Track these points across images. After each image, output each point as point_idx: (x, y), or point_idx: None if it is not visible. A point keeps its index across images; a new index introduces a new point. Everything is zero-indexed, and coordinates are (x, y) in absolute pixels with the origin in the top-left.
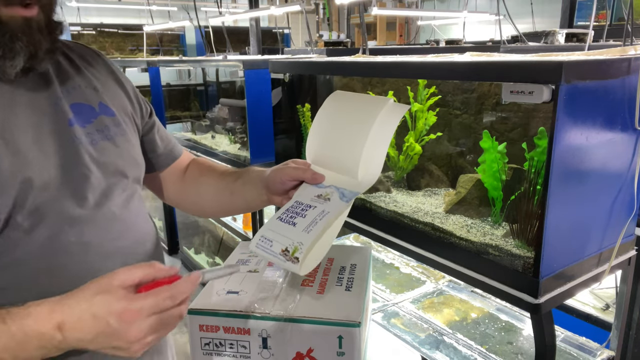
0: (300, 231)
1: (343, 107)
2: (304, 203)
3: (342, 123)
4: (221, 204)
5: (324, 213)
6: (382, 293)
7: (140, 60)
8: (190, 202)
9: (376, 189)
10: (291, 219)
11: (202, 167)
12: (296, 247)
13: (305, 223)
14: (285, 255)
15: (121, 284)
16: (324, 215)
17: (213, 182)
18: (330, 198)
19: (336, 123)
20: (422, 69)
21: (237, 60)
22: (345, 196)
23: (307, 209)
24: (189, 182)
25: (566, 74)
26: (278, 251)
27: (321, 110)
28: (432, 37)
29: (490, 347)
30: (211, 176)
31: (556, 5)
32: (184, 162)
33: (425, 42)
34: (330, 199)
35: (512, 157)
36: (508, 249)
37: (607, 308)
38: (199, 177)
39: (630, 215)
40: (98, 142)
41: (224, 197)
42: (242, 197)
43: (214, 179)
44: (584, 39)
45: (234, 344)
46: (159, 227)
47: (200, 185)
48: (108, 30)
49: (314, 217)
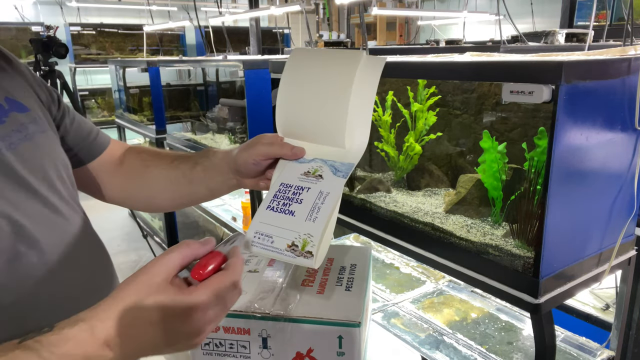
0: (303, 221)
1: (311, 66)
2: (293, 185)
3: (314, 85)
4: (178, 195)
5: (323, 195)
6: (382, 293)
7: (140, 60)
8: (139, 197)
9: (376, 189)
10: (285, 207)
11: (145, 155)
12: (305, 240)
13: (306, 210)
14: (294, 251)
15: (166, 279)
16: (324, 197)
17: (164, 172)
18: (322, 175)
19: (307, 86)
20: (422, 69)
21: (237, 60)
22: (339, 170)
23: (300, 192)
24: (132, 174)
25: (566, 74)
26: (283, 247)
27: (285, 72)
28: (432, 37)
29: (490, 347)
30: (160, 165)
31: (556, 5)
32: (115, 151)
33: (425, 42)
34: (322, 175)
35: (512, 157)
36: (508, 249)
37: (607, 308)
38: (144, 168)
39: (630, 215)
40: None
41: (181, 188)
42: (204, 185)
43: (164, 168)
44: (584, 39)
45: (234, 344)
46: (159, 227)
47: (148, 177)
48: (108, 30)
49: (313, 202)
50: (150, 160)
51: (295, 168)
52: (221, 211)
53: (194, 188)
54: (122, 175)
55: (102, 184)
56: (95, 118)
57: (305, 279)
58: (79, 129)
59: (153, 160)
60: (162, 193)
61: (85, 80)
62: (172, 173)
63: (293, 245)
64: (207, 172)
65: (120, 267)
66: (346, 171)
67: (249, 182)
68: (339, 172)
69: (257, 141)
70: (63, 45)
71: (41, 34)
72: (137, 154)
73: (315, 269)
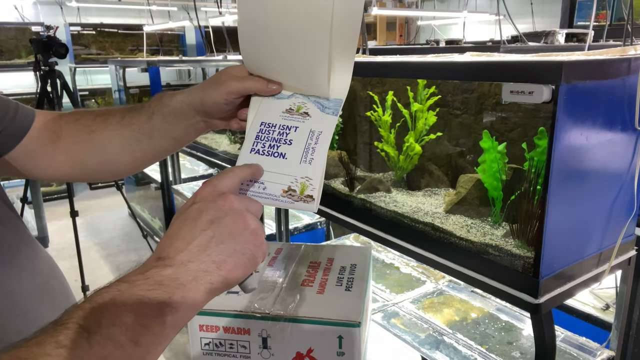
0: (297, 163)
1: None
2: (277, 124)
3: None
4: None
5: (315, 134)
6: (382, 293)
7: (140, 60)
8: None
9: (376, 189)
10: (273, 149)
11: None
12: (303, 184)
13: (299, 152)
14: (292, 196)
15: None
16: (316, 137)
17: (116, 132)
18: (307, 112)
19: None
20: (422, 69)
21: (237, 60)
22: (327, 107)
23: (287, 132)
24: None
25: (566, 74)
26: (278, 193)
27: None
28: (432, 37)
29: (490, 347)
30: (108, 127)
31: (556, 5)
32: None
33: (425, 42)
34: (308, 113)
35: (512, 157)
36: (508, 249)
37: (607, 308)
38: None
39: (630, 215)
40: None
41: (141, 145)
42: (169, 136)
43: (115, 128)
44: (584, 39)
45: (234, 344)
46: (159, 227)
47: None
48: (108, 30)
49: (305, 142)
50: (94, 125)
51: (275, 105)
52: None
53: (155, 142)
54: (62, 149)
55: (38, 163)
56: None
57: (305, 279)
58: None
59: (98, 124)
60: (119, 156)
61: (85, 80)
62: (126, 132)
63: (290, 190)
64: (167, 120)
65: (120, 267)
66: (335, 108)
67: (219, 123)
68: (327, 109)
69: (224, 77)
70: (63, 45)
71: (41, 34)
72: (75, 121)
73: (315, 269)
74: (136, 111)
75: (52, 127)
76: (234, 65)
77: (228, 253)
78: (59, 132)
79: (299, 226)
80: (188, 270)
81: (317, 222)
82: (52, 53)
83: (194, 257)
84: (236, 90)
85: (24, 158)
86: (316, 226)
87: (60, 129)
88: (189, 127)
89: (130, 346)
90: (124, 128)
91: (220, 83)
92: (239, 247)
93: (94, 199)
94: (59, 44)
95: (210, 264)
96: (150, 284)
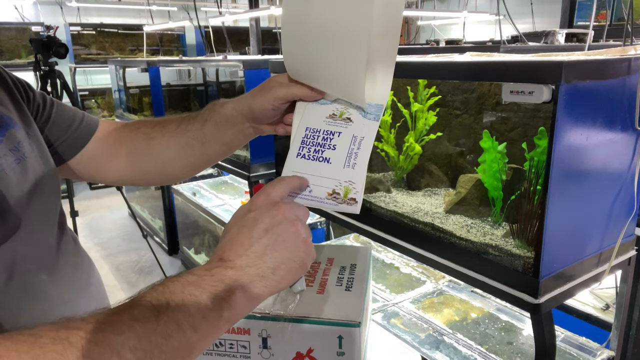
0: (341, 168)
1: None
2: (321, 130)
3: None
4: (193, 159)
5: (357, 140)
6: (382, 293)
7: (140, 60)
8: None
9: (376, 189)
10: (318, 153)
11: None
12: (347, 187)
13: (342, 156)
14: (336, 199)
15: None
16: (359, 142)
17: (172, 139)
18: (350, 118)
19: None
20: (422, 69)
21: (237, 60)
22: (368, 112)
23: (332, 137)
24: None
25: (566, 74)
26: (324, 196)
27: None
28: (432, 37)
29: (490, 347)
30: (166, 134)
31: (556, 5)
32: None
33: (425, 42)
34: (350, 118)
35: (512, 157)
36: (508, 249)
37: (607, 308)
38: (147, 142)
39: (630, 215)
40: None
41: (194, 151)
42: (220, 141)
43: (172, 135)
44: (584, 39)
45: (234, 344)
46: (159, 227)
47: (155, 149)
48: (108, 30)
49: (348, 147)
50: (153, 132)
51: (318, 110)
52: (221, 211)
53: (208, 148)
54: (123, 154)
55: (101, 168)
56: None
57: (305, 279)
58: (61, 120)
59: (157, 131)
60: (174, 161)
61: (85, 80)
62: (181, 138)
63: (334, 193)
64: (219, 127)
65: (120, 267)
66: (377, 113)
67: (266, 129)
68: (369, 115)
69: (271, 84)
70: (63, 45)
71: (41, 34)
72: (136, 129)
73: (315, 269)
74: (190, 119)
75: (115, 135)
76: (280, 74)
77: (282, 260)
78: (121, 139)
79: None
80: (247, 273)
81: (317, 222)
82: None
83: (251, 262)
84: (282, 96)
85: (87, 163)
86: (316, 226)
87: (123, 137)
88: (239, 132)
89: (190, 331)
90: (179, 135)
91: (267, 90)
92: (291, 255)
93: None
94: (59, 44)
95: (265, 269)
96: (214, 281)
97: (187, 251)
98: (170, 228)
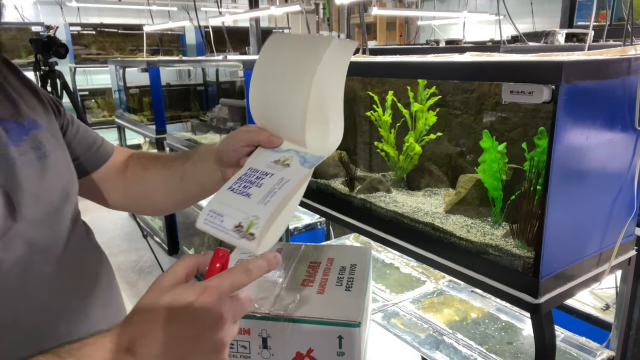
0: (255, 203)
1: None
2: (259, 170)
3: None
4: (172, 194)
5: (283, 181)
6: (382, 293)
7: (140, 60)
8: (140, 201)
9: (376, 189)
10: (245, 189)
11: (144, 160)
12: (251, 221)
13: (262, 193)
14: (239, 232)
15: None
16: (282, 183)
17: (160, 172)
18: (289, 164)
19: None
20: (422, 69)
21: (237, 60)
22: (307, 161)
23: (263, 177)
24: (133, 179)
25: (566, 74)
26: (230, 227)
27: (259, 58)
28: (432, 37)
29: (490, 347)
30: (157, 166)
31: (556, 5)
32: (118, 159)
33: (425, 42)
34: (289, 164)
35: (512, 157)
36: (508, 249)
37: (607, 308)
38: (143, 172)
39: (630, 215)
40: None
41: (173, 185)
42: (194, 180)
43: (160, 168)
44: (584, 39)
45: (234, 344)
46: (159, 227)
47: (147, 179)
48: (108, 30)
49: (271, 186)
50: (149, 163)
51: (268, 156)
52: None
53: (184, 184)
54: (125, 181)
55: (105, 191)
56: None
57: (305, 279)
58: (83, 139)
59: (151, 163)
60: (159, 194)
61: (85, 80)
62: (167, 172)
63: (239, 225)
64: (195, 166)
65: (120, 267)
66: (313, 162)
67: (229, 172)
68: (306, 163)
69: (241, 129)
70: (63, 45)
71: (41, 34)
72: (138, 159)
73: (315, 269)
74: (179, 157)
75: (124, 162)
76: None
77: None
78: (126, 166)
79: (299, 226)
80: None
81: (317, 222)
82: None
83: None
84: (244, 138)
85: (95, 185)
86: (316, 226)
87: (127, 164)
88: (209, 173)
89: None
90: (165, 169)
91: (235, 133)
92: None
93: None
94: (59, 44)
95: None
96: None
97: (187, 251)
98: (170, 228)
